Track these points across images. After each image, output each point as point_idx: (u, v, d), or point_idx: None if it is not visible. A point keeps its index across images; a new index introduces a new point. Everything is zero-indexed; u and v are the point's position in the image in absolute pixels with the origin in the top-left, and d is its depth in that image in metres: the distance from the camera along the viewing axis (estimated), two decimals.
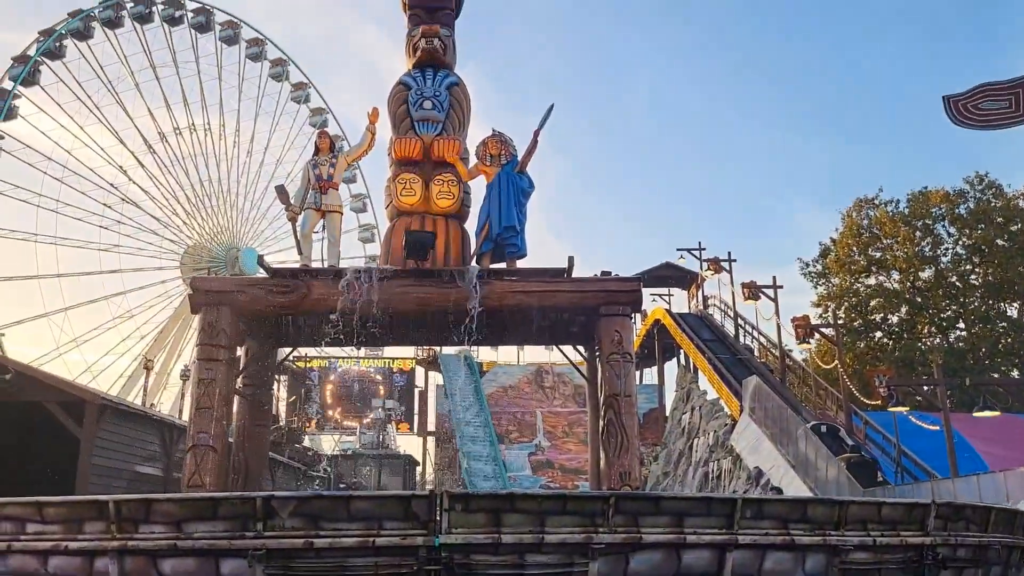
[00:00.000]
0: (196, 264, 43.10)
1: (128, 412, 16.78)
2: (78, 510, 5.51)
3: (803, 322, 24.34)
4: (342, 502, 5.63)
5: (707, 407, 25.91)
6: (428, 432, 46.64)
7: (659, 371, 40.38)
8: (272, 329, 12.69)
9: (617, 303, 11.70)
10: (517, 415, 44.48)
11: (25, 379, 14.77)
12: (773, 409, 19.41)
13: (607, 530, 5.64)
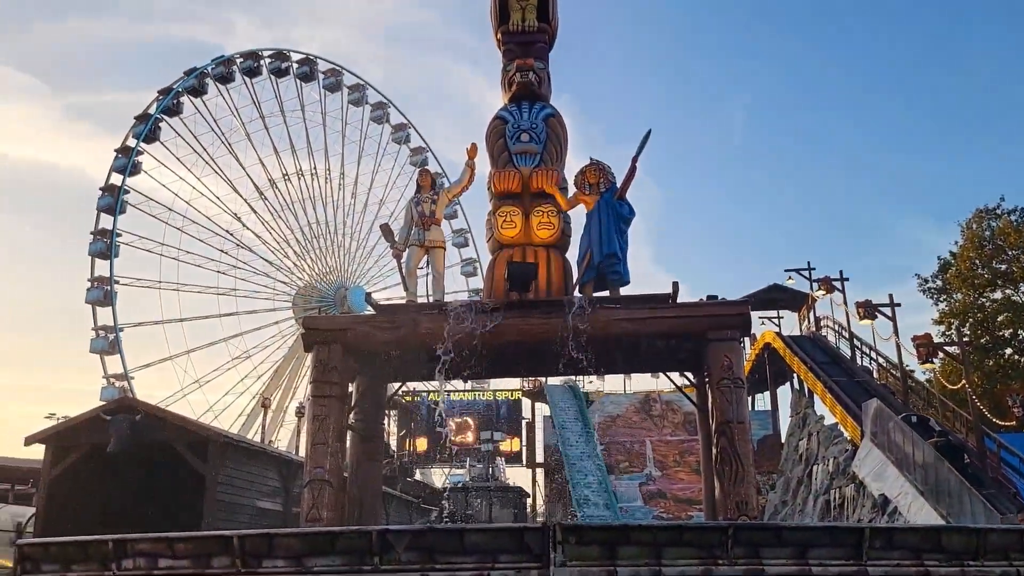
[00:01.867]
0: (307, 304, 44.60)
1: (248, 449, 17.40)
2: (205, 545, 5.72)
3: (925, 340, 23.09)
4: (456, 535, 5.66)
5: (825, 432, 24.89)
6: (537, 463, 46.54)
7: (772, 396, 39.18)
8: (381, 364, 12.94)
9: (725, 327, 11.42)
10: (626, 445, 43.86)
11: (154, 420, 15.52)
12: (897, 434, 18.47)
13: (727, 562, 5.47)
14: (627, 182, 12.07)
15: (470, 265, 51.39)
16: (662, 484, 42.15)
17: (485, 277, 13.19)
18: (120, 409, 15.75)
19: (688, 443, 41.62)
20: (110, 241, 38.74)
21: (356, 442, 13.18)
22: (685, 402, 39.24)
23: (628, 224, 12.26)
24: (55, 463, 15.65)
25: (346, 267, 48.18)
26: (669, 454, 43.41)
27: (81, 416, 16.16)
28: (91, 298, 38.46)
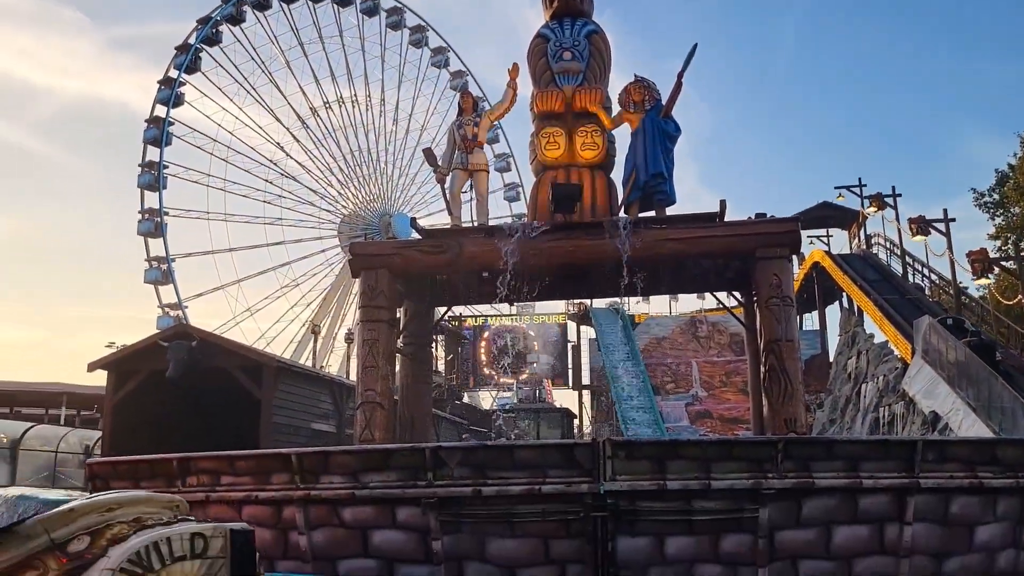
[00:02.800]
0: (352, 232, 44.89)
1: (301, 373, 17.83)
2: (265, 463, 5.91)
3: (980, 256, 22.48)
4: (506, 452, 5.77)
5: (875, 351, 24.66)
6: (583, 386, 46.97)
7: (820, 316, 38.76)
8: (428, 289, 13.04)
9: (774, 245, 11.22)
10: (672, 366, 43.97)
11: (208, 346, 15.94)
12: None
13: (776, 476, 5.49)
14: (673, 99, 11.77)
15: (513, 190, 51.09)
16: (708, 404, 42.34)
17: (529, 199, 13.09)
18: (176, 336, 16.19)
19: (734, 364, 41.57)
20: (158, 173, 39.22)
21: (405, 365, 13.39)
22: (731, 323, 39.14)
23: (674, 142, 12.00)
24: (117, 388, 16.22)
25: (389, 194, 48.27)
26: (715, 375, 43.45)
27: (140, 343, 16.67)
28: (142, 230, 39.18)
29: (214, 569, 3.62)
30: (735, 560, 5.55)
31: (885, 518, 5.47)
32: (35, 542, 3.31)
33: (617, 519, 5.53)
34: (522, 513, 5.63)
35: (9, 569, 3.29)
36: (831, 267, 30.43)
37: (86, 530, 3.39)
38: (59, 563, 3.28)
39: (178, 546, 3.51)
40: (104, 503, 3.53)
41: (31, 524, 3.33)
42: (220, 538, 3.68)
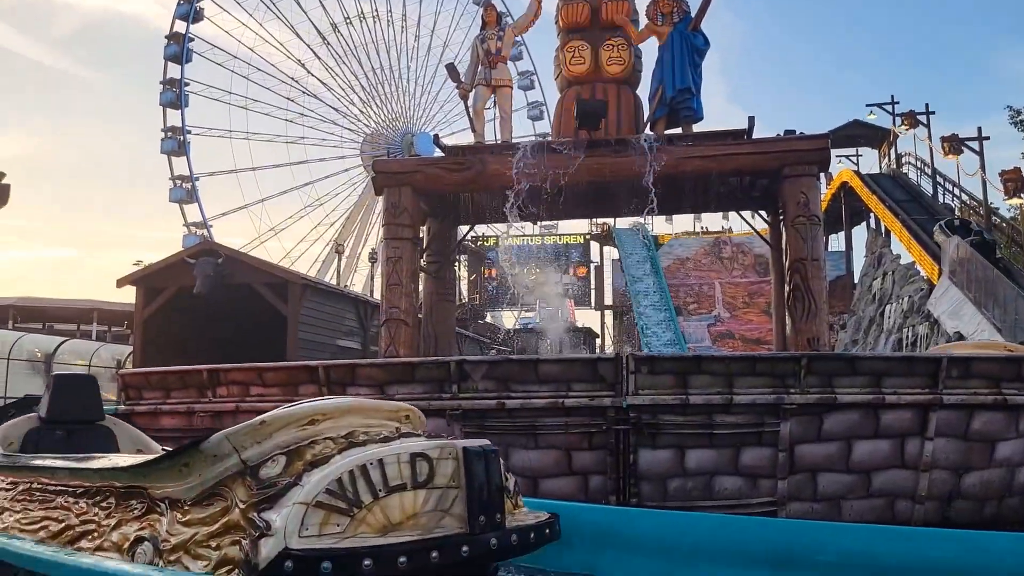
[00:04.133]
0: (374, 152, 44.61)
1: (326, 291, 18.01)
2: (293, 375, 6.01)
3: (1014, 175, 22.02)
4: (531, 365, 5.82)
5: (900, 272, 24.44)
6: (605, 306, 47.11)
7: (846, 237, 38.30)
8: (450, 207, 13.01)
9: (802, 163, 11.04)
10: (695, 287, 43.88)
11: (234, 263, 16.09)
12: (977, 270, 18.01)
13: (799, 391, 5.53)
14: (702, 12, 11.43)
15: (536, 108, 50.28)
16: (731, 325, 42.37)
17: (553, 115, 12.91)
18: (203, 253, 16.34)
19: (757, 285, 41.42)
20: (179, 91, 38.97)
21: (429, 283, 13.48)
22: (755, 244, 38.83)
23: (702, 57, 11.71)
24: (146, 304, 16.48)
25: (411, 113, 47.74)
26: (738, 296, 43.34)
27: (167, 259, 16.86)
28: (166, 148, 39.17)
29: (444, 503, 2.70)
30: (755, 473, 5.63)
31: (907, 433, 5.50)
32: (223, 464, 2.62)
33: (639, 432, 5.62)
34: (545, 425, 5.73)
35: (195, 498, 2.65)
36: (859, 187, 29.95)
37: (282, 449, 2.63)
38: (248, 492, 2.53)
39: (394, 471, 2.61)
40: (306, 413, 2.76)
41: (217, 441, 2.63)
42: (450, 460, 2.75)
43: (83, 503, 3.02)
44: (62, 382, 4.22)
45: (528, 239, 47.75)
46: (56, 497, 3.16)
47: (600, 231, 47.17)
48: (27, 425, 4.05)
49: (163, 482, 2.75)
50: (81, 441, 4.02)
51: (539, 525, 2.94)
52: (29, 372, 20.30)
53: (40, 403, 4.16)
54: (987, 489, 5.61)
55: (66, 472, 3.22)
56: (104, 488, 2.98)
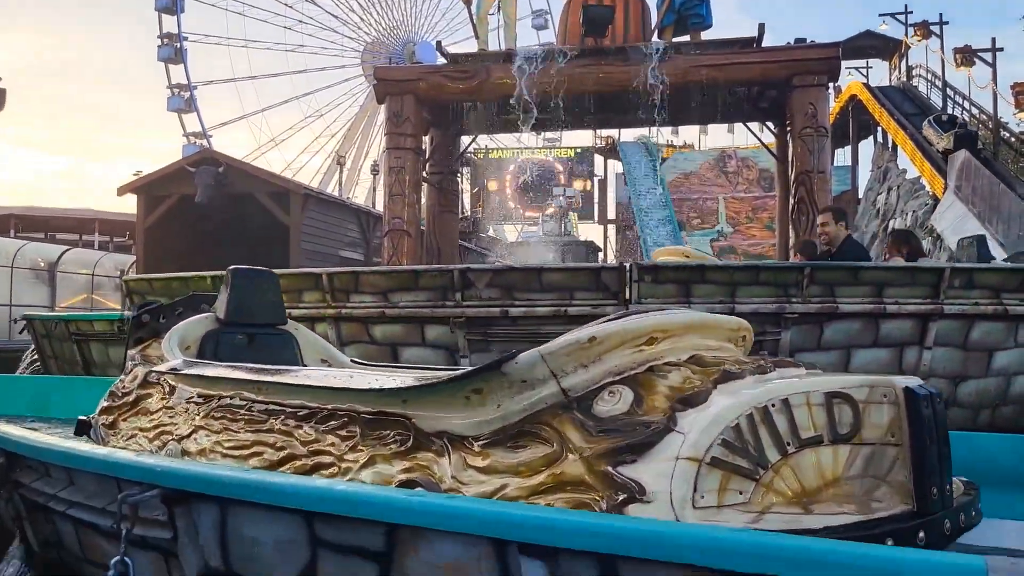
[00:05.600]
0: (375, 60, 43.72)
1: (328, 201, 17.96)
2: (297, 281, 6.04)
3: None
4: (534, 274, 5.83)
5: (906, 186, 24.25)
6: (608, 220, 46.95)
7: (853, 151, 37.82)
8: (454, 117, 12.86)
9: (812, 72, 10.88)
10: (698, 202, 43.59)
11: (235, 172, 16.00)
12: (983, 186, 17.88)
13: (801, 300, 5.55)
14: None
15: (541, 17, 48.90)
16: (734, 240, 42.28)
17: (559, 23, 12.64)
18: (203, 161, 16.24)
19: (762, 200, 41.14)
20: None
21: (432, 194, 13.42)
22: (761, 159, 38.43)
23: None
24: (147, 213, 16.46)
25: (413, 20, 46.58)
26: (742, 211, 43.09)
27: (168, 167, 16.76)
28: (163, 56, 38.39)
29: (878, 465, 1.91)
30: None
31: (906, 342, 5.55)
32: (536, 393, 1.98)
33: None
34: (548, 334, 5.76)
35: (491, 437, 2.02)
36: (868, 100, 29.44)
37: (616, 376, 1.96)
38: (586, 436, 1.88)
39: (803, 416, 1.86)
40: (644, 329, 2.01)
41: (530, 362, 1.98)
42: (885, 405, 1.93)
43: (309, 428, 2.43)
44: (242, 279, 3.52)
45: (532, 151, 47.24)
46: (268, 418, 2.57)
47: (605, 144, 46.63)
48: (203, 327, 3.44)
49: (438, 411, 2.14)
50: (264, 347, 3.47)
51: (972, 501, 2.09)
52: (33, 280, 20.38)
53: (216, 302, 3.54)
54: (982, 398, 5.70)
55: (285, 388, 2.60)
56: (341, 412, 2.38)
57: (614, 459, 1.82)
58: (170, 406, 2.93)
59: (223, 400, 2.77)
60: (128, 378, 3.23)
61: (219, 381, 2.86)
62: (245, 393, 2.72)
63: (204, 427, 2.73)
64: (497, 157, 47.00)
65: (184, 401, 2.90)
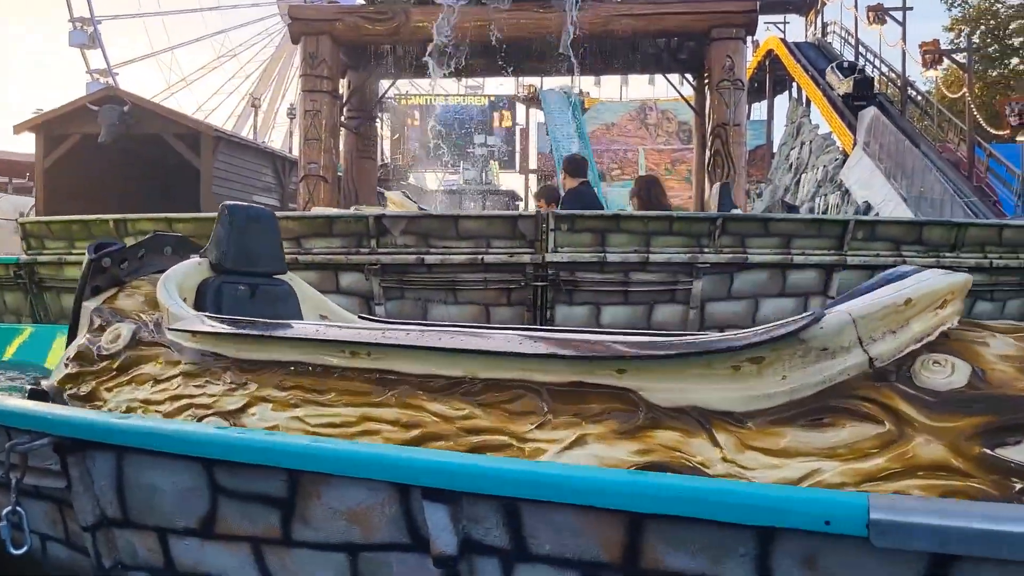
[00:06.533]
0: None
1: (242, 144, 17.40)
2: (206, 225, 5.84)
3: (932, 47, 22.40)
4: (450, 221, 5.79)
5: (818, 141, 24.90)
6: (530, 170, 46.93)
7: (769, 105, 38.56)
8: (373, 60, 12.57)
9: (730, 25, 11.00)
10: (619, 153, 43.94)
11: (141, 111, 15.31)
12: (890, 142, 18.52)
13: (713, 250, 5.67)
14: None
15: None
16: None
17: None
18: (107, 99, 15.48)
19: (680, 152, 41.74)
20: None
21: (349, 140, 13.16)
22: (681, 111, 38.84)
23: None
24: (47, 153, 15.68)
25: None
26: (661, 163, 43.62)
27: (69, 105, 15.92)
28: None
29: None
30: (666, 329, 5.82)
31: (811, 292, 5.74)
32: (839, 363, 1.71)
33: (557, 289, 5.71)
34: (465, 281, 5.76)
35: (778, 414, 1.72)
36: (784, 55, 29.97)
37: (917, 342, 1.72)
38: (927, 413, 1.62)
39: None
40: (944, 290, 1.77)
41: (838, 326, 1.70)
42: None
43: (456, 402, 2.00)
44: (242, 219, 2.91)
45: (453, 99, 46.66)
46: (379, 389, 2.10)
47: (527, 93, 46.37)
48: (198, 274, 2.83)
49: (679, 383, 1.81)
50: (267, 300, 2.94)
51: None
52: None
53: (209, 244, 2.90)
54: None
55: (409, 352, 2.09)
56: (508, 383, 1.96)
57: (991, 440, 1.57)
58: (193, 373, 2.39)
59: (295, 367, 2.24)
60: (106, 337, 2.64)
61: (284, 343, 2.30)
62: (329, 358, 2.20)
63: (267, 399, 2.22)
64: (418, 103, 46.28)
65: (220, 368, 2.35)
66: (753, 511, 1.45)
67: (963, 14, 34.84)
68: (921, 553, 1.39)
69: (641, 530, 1.56)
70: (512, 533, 1.67)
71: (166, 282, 2.68)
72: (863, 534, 1.36)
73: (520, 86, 45.77)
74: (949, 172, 18.29)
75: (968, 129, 19.13)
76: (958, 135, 20.59)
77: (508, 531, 1.67)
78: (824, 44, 30.73)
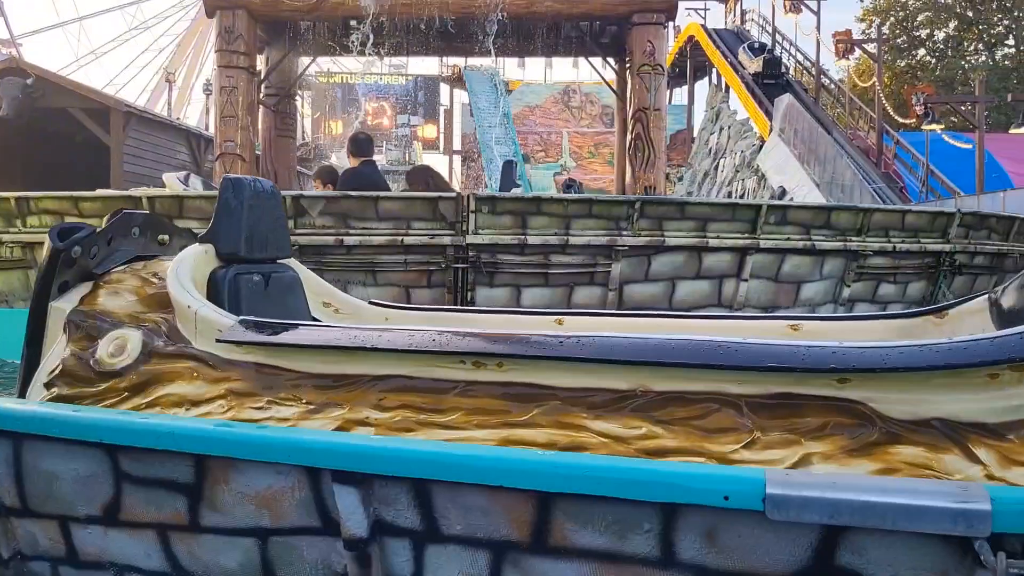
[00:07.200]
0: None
1: (154, 121, 16.83)
2: (113, 205, 5.64)
3: (845, 37, 23.13)
4: (370, 203, 5.73)
5: (736, 127, 25.45)
6: (454, 151, 46.71)
7: (690, 91, 39.24)
8: (292, 36, 12.29)
9: (651, 10, 11.12)
10: (543, 135, 44.04)
11: (47, 84, 14.65)
12: (804, 129, 19.06)
13: (631, 233, 5.76)
14: None
15: None
16: (576, 174, 42.95)
17: None
18: (9, 72, 14.74)
19: (603, 135, 42.07)
20: None
21: (268, 118, 12.87)
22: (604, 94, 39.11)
23: None
24: None
25: None
26: (584, 145, 43.92)
27: None
28: None
29: None
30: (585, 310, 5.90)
31: (725, 275, 5.89)
32: None
33: (477, 271, 5.72)
34: (384, 263, 5.72)
35: None
36: (704, 41, 30.49)
37: None
38: None
39: None
40: None
41: None
42: None
43: (627, 418, 1.71)
44: (247, 194, 2.44)
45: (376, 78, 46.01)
46: (519, 405, 1.78)
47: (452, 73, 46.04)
48: (205, 264, 2.38)
49: (919, 394, 1.61)
50: (278, 291, 2.55)
51: None
52: None
53: (211, 228, 2.42)
54: None
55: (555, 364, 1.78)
56: (694, 395, 1.70)
57: None
58: (247, 392, 1.97)
59: (394, 382, 1.88)
60: (104, 348, 2.13)
61: (384, 355, 1.89)
62: (442, 371, 1.85)
63: (366, 422, 1.84)
64: (341, 82, 45.50)
65: (288, 386, 1.95)
66: (656, 488, 1.49)
67: (874, 5, 35.98)
68: (813, 525, 1.45)
69: (550, 509, 1.58)
70: (423, 514, 1.67)
71: (180, 278, 2.21)
72: (759, 508, 1.41)
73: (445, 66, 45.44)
74: (859, 159, 18.95)
75: (878, 117, 19.82)
76: (868, 123, 21.32)
77: (419, 512, 1.67)
78: (743, 31, 31.37)
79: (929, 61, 34.80)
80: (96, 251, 2.32)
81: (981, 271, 6.74)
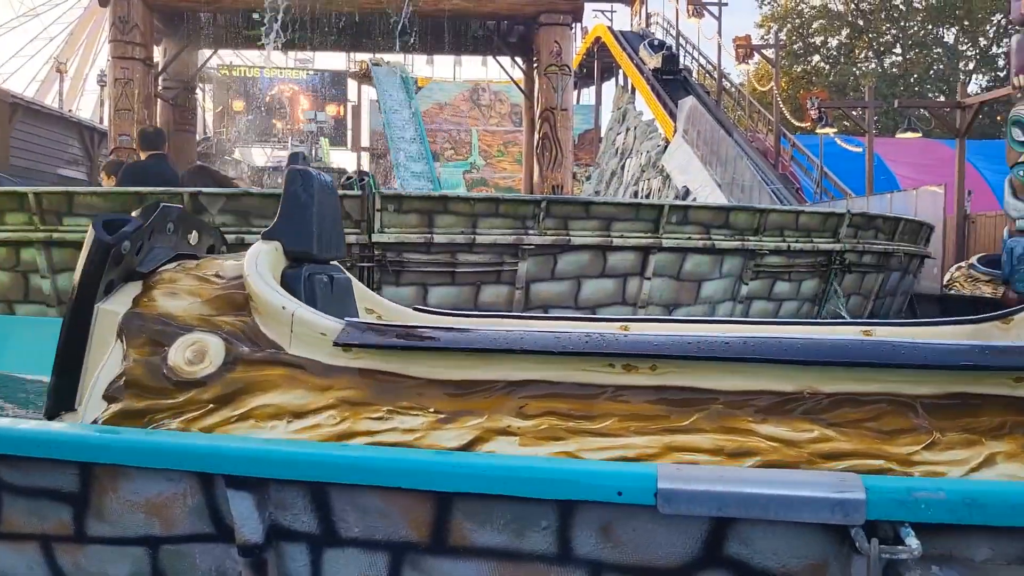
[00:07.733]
0: None
1: (44, 113, 16.06)
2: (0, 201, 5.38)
3: (744, 42, 23.89)
4: (273, 199, 5.60)
5: (642, 128, 25.95)
6: (362, 148, 46.13)
7: (597, 91, 39.82)
8: (191, 27, 11.93)
9: (557, 11, 11.25)
10: (452, 133, 43.92)
11: None
12: (706, 131, 19.57)
13: (537, 232, 5.81)
14: None
15: None
16: (485, 173, 43.17)
17: None
18: None
19: (512, 134, 42.24)
20: None
21: (166, 112, 12.46)
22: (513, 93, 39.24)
23: None
24: None
25: None
26: (494, 144, 44.02)
27: None
28: None
29: None
30: (493, 309, 5.91)
31: (629, 273, 6.00)
32: None
33: (383, 269, 5.68)
34: None
35: None
36: (611, 43, 30.98)
37: None
38: None
39: None
40: None
41: None
42: None
43: (798, 421, 1.65)
44: (315, 188, 2.21)
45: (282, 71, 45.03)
46: (676, 410, 1.70)
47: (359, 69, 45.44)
48: (277, 263, 2.15)
49: None
50: (339, 294, 2.38)
51: None
52: None
53: (276, 224, 2.21)
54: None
55: (714, 366, 1.70)
56: (867, 396, 1.65)
57: None
58: (361, 401, 1.78)
59: (533, 387, 1.75)
60: (179, 355, 1.90)
61: (524, 357, 1.76)
62: (587, 375, 1.74)
63: (507, 431, 1.71)
64: (243, 75, 44.33)
65: (410, 393, 1.79)
66: (551, 485, 1.51)
67: (772, 12, 37.26)
68: (703, 518, 1.50)
69: (448, 509, 1.59)
70: (320, 518, 1.65)
71: (264, 277, 1.99)
72: (651, 503, 1.45)
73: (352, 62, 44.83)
74: (758, 160, 19.59)
75: (775, 121, 20.53)
76: (767, 126, 22.06)
77: (316, 516, 1.65)
78: (648, 34, 32.01)
79: (823, 67, 36.24)
80: (142, 247, 2.11)
81: (869, 269, 7.06)
